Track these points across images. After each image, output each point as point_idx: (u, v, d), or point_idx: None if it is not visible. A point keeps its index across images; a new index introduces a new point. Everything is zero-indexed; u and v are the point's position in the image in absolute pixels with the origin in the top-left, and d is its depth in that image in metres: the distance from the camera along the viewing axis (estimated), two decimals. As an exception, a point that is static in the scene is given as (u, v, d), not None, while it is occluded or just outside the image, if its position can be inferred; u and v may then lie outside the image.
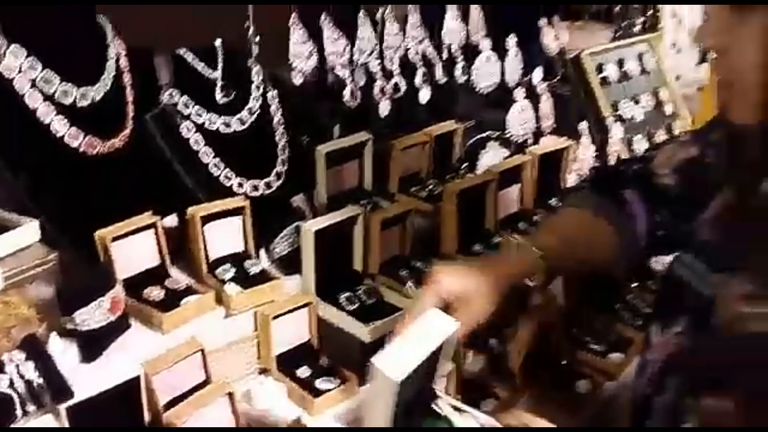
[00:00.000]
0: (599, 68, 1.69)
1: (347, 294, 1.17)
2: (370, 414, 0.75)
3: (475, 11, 1.72)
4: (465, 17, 1.70)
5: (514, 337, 1.14)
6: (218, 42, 1.30)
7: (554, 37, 1.80)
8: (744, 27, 0.62)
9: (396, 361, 0.71)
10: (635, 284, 1.32)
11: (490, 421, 0.73)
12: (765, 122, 0.63)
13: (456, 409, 0.78)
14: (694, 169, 0.92)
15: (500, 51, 1.68)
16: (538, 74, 1.69)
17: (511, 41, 1.69)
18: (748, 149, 0.69)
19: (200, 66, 1.26)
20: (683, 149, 0.93)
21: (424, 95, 1.57)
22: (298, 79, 1.44)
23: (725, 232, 0.75)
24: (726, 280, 0.69)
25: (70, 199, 1.11)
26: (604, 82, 1.69)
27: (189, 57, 1.25)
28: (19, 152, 1.08)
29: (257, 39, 1.64)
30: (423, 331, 0.77)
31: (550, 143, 1.55)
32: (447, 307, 0.85)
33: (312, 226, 1.14)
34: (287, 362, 1.12)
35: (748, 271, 0.67)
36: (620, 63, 1.72)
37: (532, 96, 1.66)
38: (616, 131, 1.66)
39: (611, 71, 1.70)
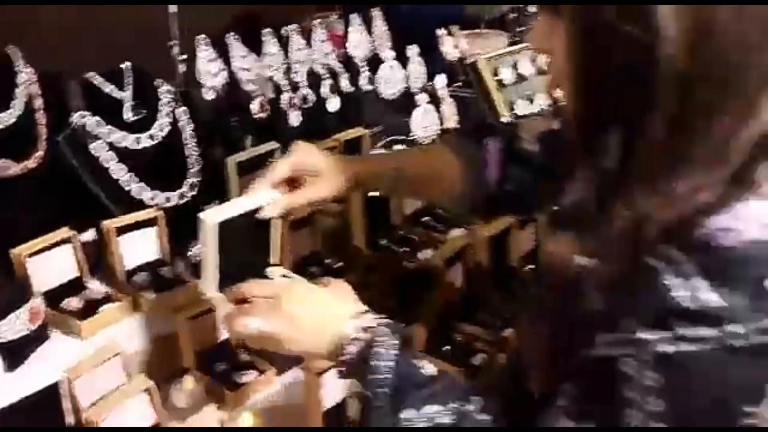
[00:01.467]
0: (495, 71, 1.81)
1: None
2: (201, 265, 0.88)
3: (380, 23, 1.83)
4: (369, 30, 1.80)
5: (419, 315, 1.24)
6: (127, 64, 1.37)
7: (454, 45, 1.92)
8: (557, 30, 0.73)
9: (217, 212, 0.86)
10: (531, 266, 1.44)
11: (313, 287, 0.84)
12: (581, 114, 0.74)
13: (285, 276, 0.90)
14: (555, 141, 1.04)
15: (403, 60, 1.79)
16: (440, 80, 1.80)
17: (413, 51, 1.80)
18: (575, 134, 0.80)
19: (109, 87, 1.32)
20: (547, 122, 1.05)
21: (333, 105, 1.66)
22: (209, 96, 1.52)
23: (571, 202, 0.86)
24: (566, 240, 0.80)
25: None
26: (501, 84, 1.81)
27: (98, 80, 1.32)
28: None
29: (182, 58, 1.71)
30: (250, 198, 0.93)
31: (452, 143, 1.66)
32: (296, 180, 0.97)
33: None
34: (206, 360, 1.20)
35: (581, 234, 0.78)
36: (515, 66, 1.85)
37: (435, 100, 1.78)
38: (513, 129, 1.79)
39: (506, 74, 1.82)
